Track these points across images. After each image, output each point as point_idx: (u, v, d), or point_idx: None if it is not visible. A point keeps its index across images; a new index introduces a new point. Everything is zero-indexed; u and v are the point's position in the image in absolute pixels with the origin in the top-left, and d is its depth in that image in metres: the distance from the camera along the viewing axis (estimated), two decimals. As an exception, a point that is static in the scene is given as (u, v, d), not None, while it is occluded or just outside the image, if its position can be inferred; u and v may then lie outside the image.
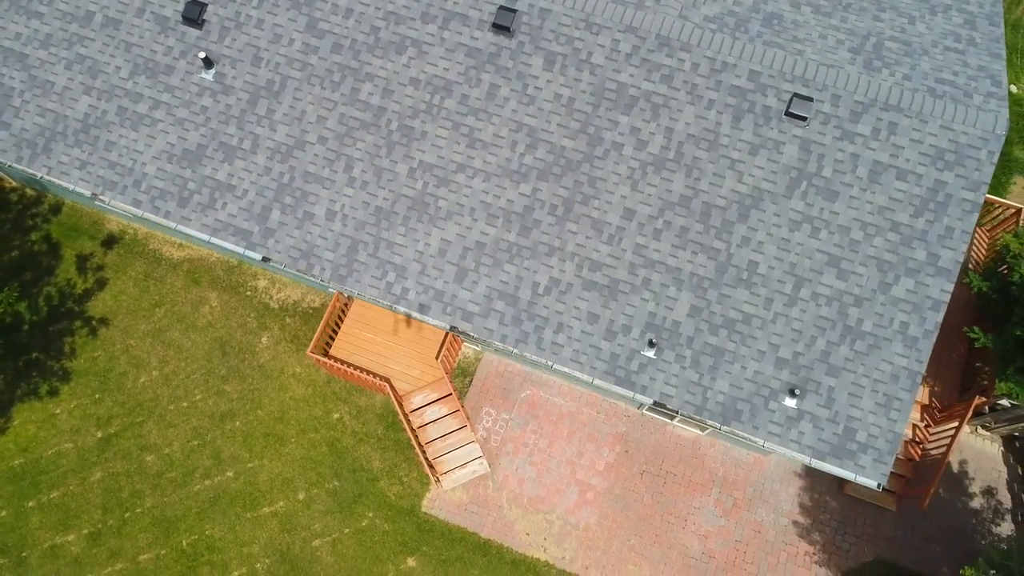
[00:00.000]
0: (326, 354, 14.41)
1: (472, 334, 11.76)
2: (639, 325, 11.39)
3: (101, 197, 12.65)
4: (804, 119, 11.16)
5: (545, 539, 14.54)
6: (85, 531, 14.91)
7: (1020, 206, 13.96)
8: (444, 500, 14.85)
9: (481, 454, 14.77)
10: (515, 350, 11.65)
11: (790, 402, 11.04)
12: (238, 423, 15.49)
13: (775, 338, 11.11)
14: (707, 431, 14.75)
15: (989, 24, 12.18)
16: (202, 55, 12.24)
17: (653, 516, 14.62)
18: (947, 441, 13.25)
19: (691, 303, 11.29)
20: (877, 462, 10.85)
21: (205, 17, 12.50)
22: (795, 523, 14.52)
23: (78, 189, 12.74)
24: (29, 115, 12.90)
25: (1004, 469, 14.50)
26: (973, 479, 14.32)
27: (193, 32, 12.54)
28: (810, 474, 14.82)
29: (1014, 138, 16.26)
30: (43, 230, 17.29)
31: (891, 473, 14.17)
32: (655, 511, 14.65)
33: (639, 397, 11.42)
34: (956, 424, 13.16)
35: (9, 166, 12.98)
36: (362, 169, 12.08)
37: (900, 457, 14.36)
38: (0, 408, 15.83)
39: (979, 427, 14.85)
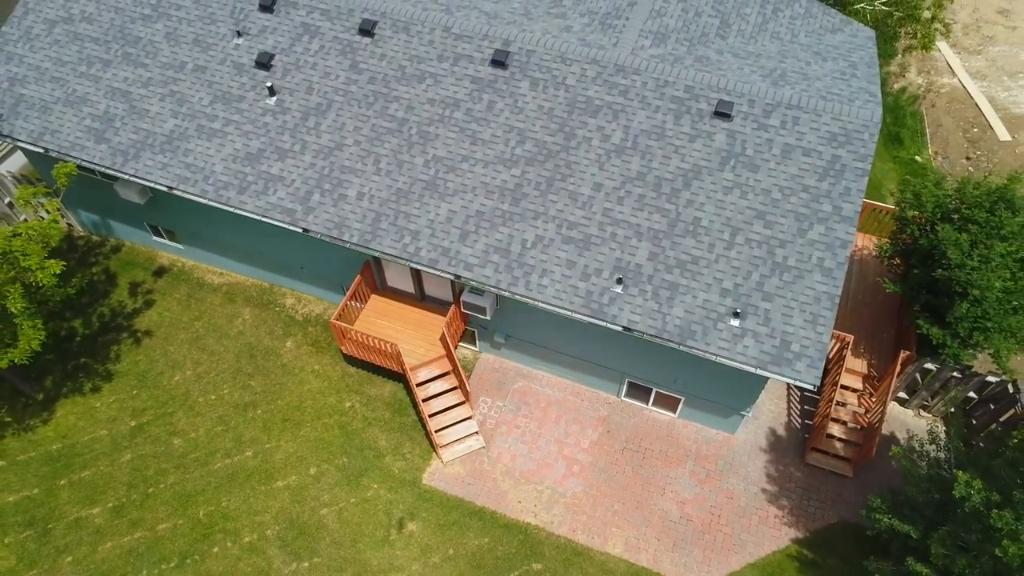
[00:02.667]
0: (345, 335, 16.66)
1: (472, 280, 14.30)
2: (608, 268, 13.99)
3: (176, 189, 15.76)
4: (729, 116, 14.63)
5: (536, 506, 15.81)
6: (110, 505, 16.15)
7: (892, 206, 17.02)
8: (443, 473, 16.30)
9: (477, 429, 16.49)
10: (507, 292, 14.13)
11: (734, 322, 13.35)
12: (259, 411, 17.30)
13: (719, 274, 13.68)
14: (679, 412, 16.66)
15: (867, 67, 16.10)
16: (268, 84, 16.02)
17: (634, 485, 16.03)
18: (886, 400, 15.17)
19: (649, 250, 14.00)
20: (810, 367, 12.94)
21: (273, 63, 16.45)
22: (764, 490, 15.91)
23: (158, 184, 15.89)
24: (125, 133, 16.41)
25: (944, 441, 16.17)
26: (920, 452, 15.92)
27: (262, 73, 16.42)
28: (775, 448, 16.47)
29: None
30: (103, 265, 20.16)
31: (845, 442, 15.98)
32: (636, 481, 16.08)
33: (611, 326, 13.72)
34: (889, 382, 15.20)
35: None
36: (387, 162, 15.34)
37: (852, 426, 16.16)
38: (45, 403, 17.67)
39: (920, 410, 16.74)
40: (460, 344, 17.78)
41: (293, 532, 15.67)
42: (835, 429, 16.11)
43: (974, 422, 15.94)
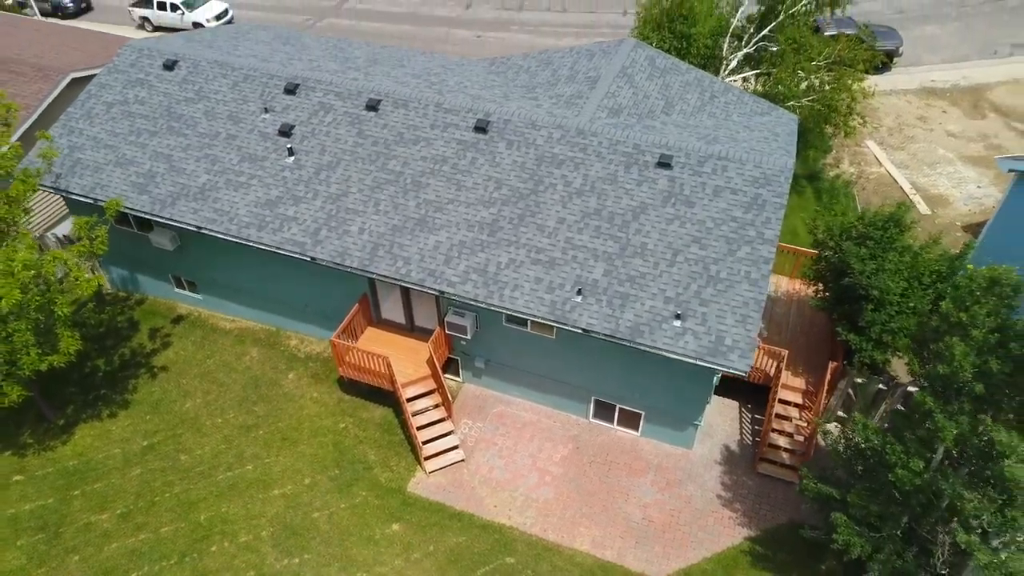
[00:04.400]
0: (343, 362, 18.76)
1: (454, 295, 16.72)
2: (570, 283, 16.47)
3: (205, 229, 18.53)
4: (669, 166, 17.70)
5: (510, 510, 17.29)
6: (118, 511, 17.59)
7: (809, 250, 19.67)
8: (426, 483, 17.87)
9: (459, 443, 18.23)
10: (485, 304, 16.51)
11: (676, 323, 15.65)
12: (261, 432, 19.07)
13: (663, 286, 16.14)
14: (641, 430, 18.52)
15: (787, 136, 19.42)
16: (288, 147, 19.25)
17: (600, 492, 17.58)
18: (821, 410, 17.11)
19: (604, 268, 16.55)
20: (742, 358, 15.10)
21: (293, 132, 19.78)
22: (719, 496, 17.46)
23: (189, 225, 18.67)
24: (165, 186, 19.42)
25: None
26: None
27: (284, 139, 19.69)
28: (729, 461, 18.15)
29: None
30: (127, 315, 22.56)
31: (790, 451, 17.76)
32: (602, 488, 17.64)
33: (573, 329, 16.00)
34: (821, 392, 17.23)
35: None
36: (385, 205, 18.22)
37: (797, 438, 17.95)
38: (65, 427, 19.47)
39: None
40: (445, 376, 19.80)
41: (286, 533, 16.99)
42: (781, 440, 17.87)
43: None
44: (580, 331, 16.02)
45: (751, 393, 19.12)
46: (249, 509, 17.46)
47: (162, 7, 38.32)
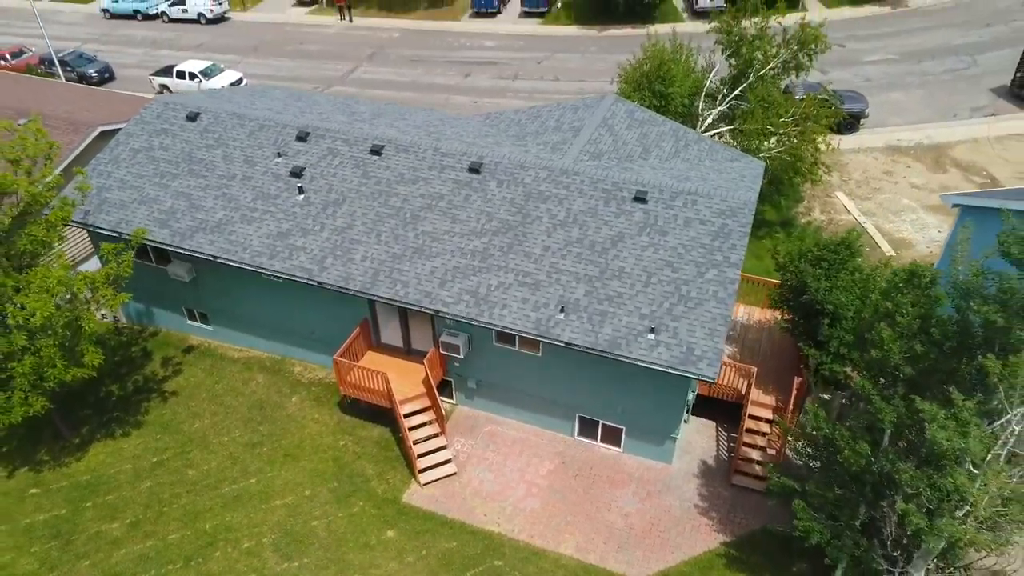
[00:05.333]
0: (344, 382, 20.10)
1: (448, 314, 18.25)
2: (553, 302, 18.03)
3: (220, 258, 20.21)
4: (644, 200, 19.53)
5: (499, 518, 18.32)
6: (127, 520, 18.60)
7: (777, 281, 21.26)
8: (420, 494, 18.95)
9: (451, 458, 19.39)
10: (476, 321, 18.03)
11: (651, 336, 17.12)
12: (265, 449, 20.24)
13: (638, 304, 17.70)
14: (623, 446, 19.72)
15: (753, 178, 21.34)
16: (299, 186, 21.16)
17: (584, 502, 18.62)
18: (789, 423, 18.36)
19: (585, 289, 18.14)
20: (710, 366, 16.51)
21: (303, 173, 21.73)
22: (696, 506, 18.53)
23: (206, 254, 20.37)
24: (184, 220, 21.22)
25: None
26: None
27: (295, 180, 21.62)
28: (706, 475, 19.29)
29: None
30: (141, 346, 24.00)
31: (763, 464, 18.92)
32: (586, 499, 18.70)
33: (556, 342, 17.46)
34: (788, 407, 18.53)
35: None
36: (386, 236, 19.96)
37: (768, 451, 19.13)
38: (80, 445, 20.66)
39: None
40: (440, 398, 21.06)
41: (287, 539, 17.95)
42: (754, 454, 19.03)
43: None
44: (563, 344, 17.47)
45: (727, 413, 20.37)
46: (252, 518, 18.45)
47: (180, 76, 41.17)
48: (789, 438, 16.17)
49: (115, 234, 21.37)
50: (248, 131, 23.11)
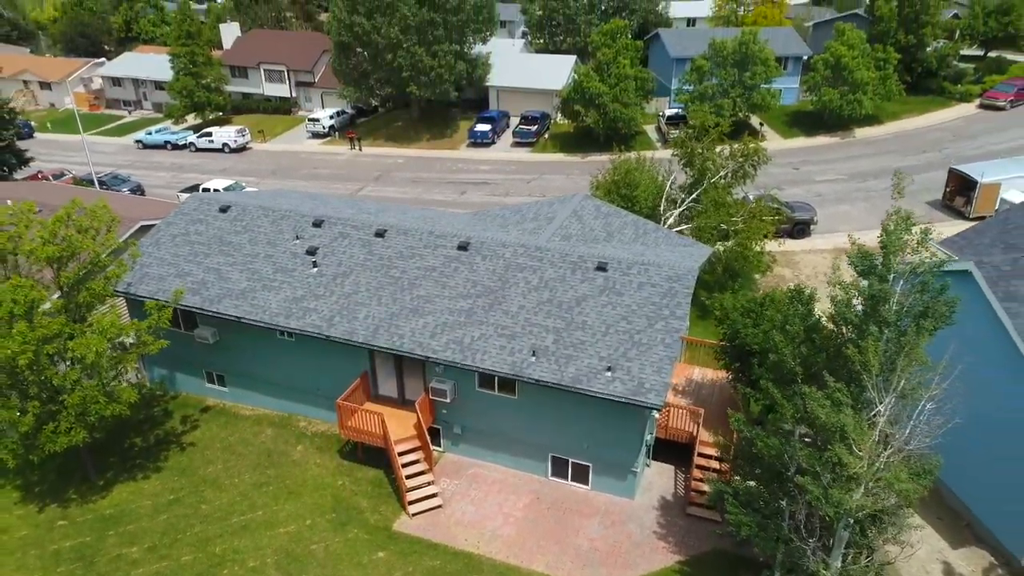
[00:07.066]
0: (346, 427, 22.85)
1: (437, 358, 21.39)
2: (526, 348, 21.23)
3: (244, 319, 23.59)
4: (605, 270, 23.22)
5: (479, 542, 20.52)
6: (145, 545, 20.78)
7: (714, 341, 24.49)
8: (409, 523, 21.23)
9: (438, 492, 21.82)
10: (459, 363, 21.15)
11: (608, 374, 20.19)
12: (271, 488, 22.66)
13: (599, 348, 20.90)
14: (591, 484, 22.23)
15: (700, 256, 25.18)
16: (313, 261, 24.93)
17: (555, 530, 20.91)
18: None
19: (553, 338, 21.40)
20: (657, 396, 19.48)
21: (317, 251, 25.57)
22: (655, 532, 20.80)
23: (230, 315, 23.76)
24: (213, 289, 24.79)
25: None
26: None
27: (309, 256, 25.43)
28: (664, 507, 21.65)
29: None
30: (162, 406, 26.84)
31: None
32: (556, 527, 20.99)
33: (527, 381, 20.50)
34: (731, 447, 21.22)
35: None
36: (386, 299, 23.46)
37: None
38: (105, 485, 23.07)
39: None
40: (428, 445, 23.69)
41: (288, 560, 20.05)
42: (705, 487, 21.44)
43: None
44: (534, 382, 20.50)
45: (683, 457, 22.92)
46: (257, 542, 20.60)
47: (206, 192, 46.21)
48: (725, 454, 18.79)
49: (153, 300, 24.82)
50: (271, 220, 27.19)
